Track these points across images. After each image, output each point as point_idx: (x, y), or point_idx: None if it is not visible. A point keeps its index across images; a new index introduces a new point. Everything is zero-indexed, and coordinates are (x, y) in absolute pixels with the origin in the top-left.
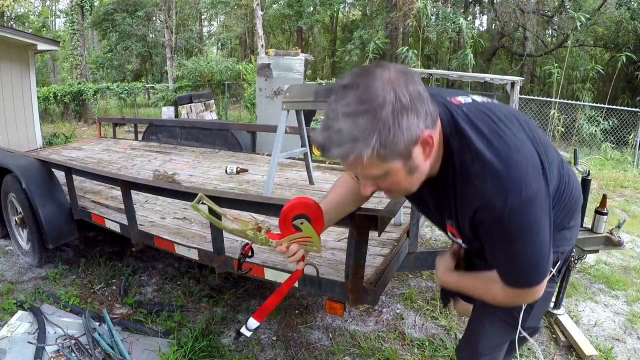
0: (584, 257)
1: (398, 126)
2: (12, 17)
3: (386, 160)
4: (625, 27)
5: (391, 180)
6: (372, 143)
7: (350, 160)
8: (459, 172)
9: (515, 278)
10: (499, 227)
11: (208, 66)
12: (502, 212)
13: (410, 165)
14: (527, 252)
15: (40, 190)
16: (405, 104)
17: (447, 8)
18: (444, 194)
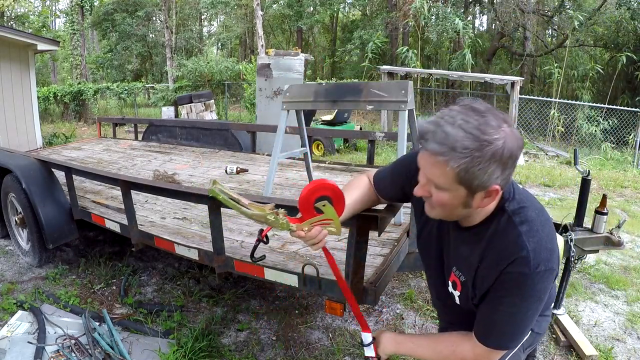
0: (584, 257)
1: (486, 168)
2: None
3: (457, 182)
4: (625, 27)
5: (445, 198)
6: (461, 162)
7: (435, 159)
8: (500, 231)
9: (497, 336)
10: (522, 280)
11: (208, 66)
12: (532, 270)
13: (468, 200)
14: (523, 314)
15: (40, 190)
16: (504, 158)
17: (447, 8)
18: (470, 244)
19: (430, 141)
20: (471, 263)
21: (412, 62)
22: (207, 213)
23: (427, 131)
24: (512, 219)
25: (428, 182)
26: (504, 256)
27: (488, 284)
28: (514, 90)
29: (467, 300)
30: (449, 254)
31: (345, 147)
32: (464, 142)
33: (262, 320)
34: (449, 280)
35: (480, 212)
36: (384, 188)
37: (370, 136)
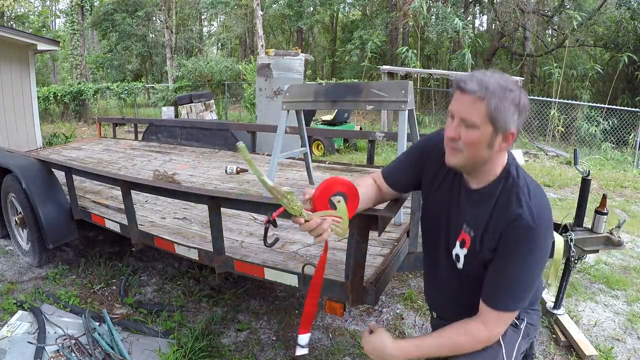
0: (584, 257)
1: (509, 109)
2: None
3: (487, 119)
4: (625, 27)
5: (475, 136)
6: (492, 101)
7: (472, 98)
8: (507, 190)
9: (506, 296)
10: (528, 234)
11: (208, 66)
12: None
13: (492, 140)
14: (530, 268)
15: (40, 190)
16: (520, 106)
17: (447, 8)
18: (480, 203)
19: (468, 83)
20: (481, 219)
21: (412, 62)
22: (207, 213)
23: (465, 78)
24: (517, 182)
25: (460, 123)
26: (511, 212)
27: (495, 238)
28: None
29: (471, 258)
30: (459, 215)
31: (345, 147)
32: (494, 86)
33: (262, 320)
34: (458, 241)
35: (489, 175)
36: (398, 176)
37: (370, 136)
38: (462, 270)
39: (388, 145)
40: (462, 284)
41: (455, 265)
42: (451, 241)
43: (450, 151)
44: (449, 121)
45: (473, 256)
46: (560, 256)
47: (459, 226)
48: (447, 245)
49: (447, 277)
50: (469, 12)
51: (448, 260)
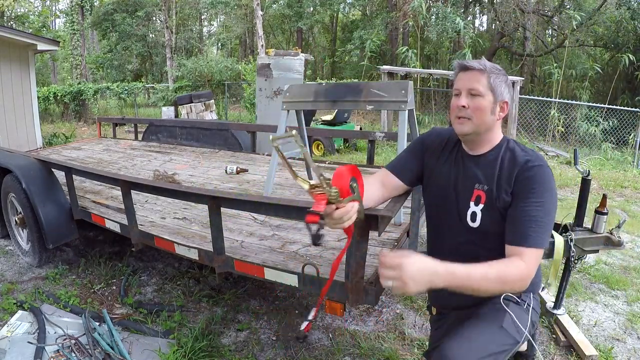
0: (584, 257)
1: (501, 83)
2: (12, 17)
3: (488, 89)
4: (625, 27)
5: (480, 102)
6: (491, 74)
7: (475, 73)
8: (510, 149)
9: (535, 233)
10: (540, 173)
11: (208, 66)
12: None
13: (493, 107)
14: (549, 205)
15: (40, 190)
16: (508, 82)
17: (447, 8)
18: (487, 163)
19: (472, 63)
20: (492, 174)
21: (412, 62)
22: (207, 213)
23: (467, 61)
24: (516, 143)
25: (467, 94)
26: (520, 160)
27: (511, 183)
28: (514, 90)
29: (489, 210)
30: (467, 179)
31: (345, 147)
32: (491, 66)
33: (262, 320)
34: (471, 201)
35: (491, 139)
36: (405, 168)
37: (370, 136)
38: (479, 228)
39: (388, 145)
40: (477, 243)
41: (470, 226)
42: (463, 205)
43: (459, 121)
44: (454, 100)
45: (491, 207)
46: (560, 256)
47: (470, 188)
48: (458, 211)
49: (460, 242)
50: (469, 12)
51: (462, 225)
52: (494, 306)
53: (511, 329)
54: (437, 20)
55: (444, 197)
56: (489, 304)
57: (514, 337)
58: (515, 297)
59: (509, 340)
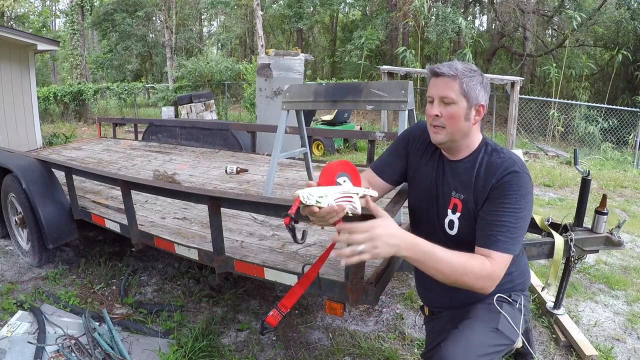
0: (584, 257)
1: (477, 86)
2: (12, 17)
3: (462, 94)
4: (625, 27)
5: (454, 110)
6: (464, 79)
7: (447, 79)
8: (488, 154)
9: (505, 238)
10: (516, 179)
11: (208, 66)
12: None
13: (468, 113)
14: (522, 212)
15: (40, 190)
16: (484, 84)
17: (447, 8)
18: (465, 170)
19: (442, 68)
20: (469, 182)
21: (410, 62)
22: (207, 213)
23: (438, 66)
24: (494, 147)
25: (440, 102)
26: (496, 167)
27: (487, 190)
28: (514, 90)
29: (466, 219)
30: (446, 186)
31: (345, 147)
32: (463, 69)
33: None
34: (449, 209)
35: (468, 147)
36: (387, 170)
37: (370, 136)
38: (457, 236)
39: (388, 145)
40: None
41: (448, 234)
42: (441, 211)
43: (434, 130)
44: (428, 106)
45: (468, 215)
46: (560, 256)
47: (448, 195)
48: (438, 217)
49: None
50: (469, 12)
51: (441, 231)
52: (487, 307)
53: (507, 330)
54: (437, 21)
55: (425, 201)
56: (482, 304)
57: (509, 337)
58: (506, 297)
59: (505, 341)
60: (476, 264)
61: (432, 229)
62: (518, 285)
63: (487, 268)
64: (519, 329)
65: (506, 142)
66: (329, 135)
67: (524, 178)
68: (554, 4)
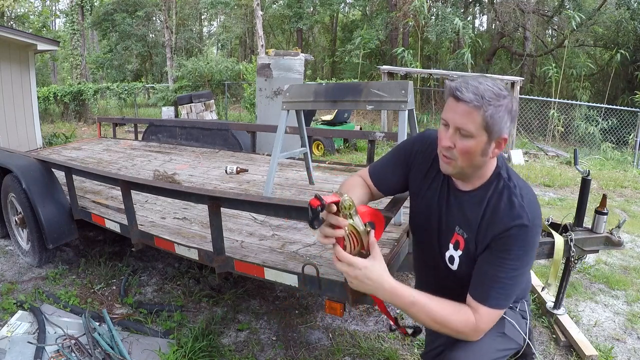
0: (584, 257)
1: (502, 117)
2: (12, 17)
3: (483, 128)
4: (625, 27)
5: (470, 145)
6: (489, 109)
7: (468, 107)
8: (499, 193)
9: (498, 294)
10: (524, 233)
11: (208, 66)
12: (530, 223)
13: (486, 147)
14: (523, 268)
15: (40, 190)
16: (512, 112)
17: (447, 8)
18: (472, 205)
19: (465, 92)
20: (474, 220)
21: (409, 62)
22: (207, 213)
23: (460, 86)
24: (507, 183)
25: (455, 132)
26: (503, 214)
27: (488, 240)
28: (514, 90)
29: (467, 259)
30: (450, 217)
31: (345, 147)
32: (489, 93)
33: (262, 320)
34: (451, 243)
35: (480, 178)
36: (385, 180)
37: (370, 136)
38: (457, 272)
39: (388, 145)
40: (457, 285)
41: (449, 267)
42: (443, 243)
43: (444, 159)
44: (442, 129)
45: (468, 257)
46: (560, 256)
47: (451, 228)
48: (440, 248)
49: (442, 278)
50: (469, 12)
51: (442, 262)
52: None
53: (513, 334)
54: (437, 21)
55: (428, 228)
56: None
57: (516, 341)
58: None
59: (512, 345)
60: (459, 320)
61: (433, 257)
62: (519, 294)
63: (470, 324)
64: (525, 333)
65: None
66: (329, 135)
67: (532, 232)
68: (554, 4)
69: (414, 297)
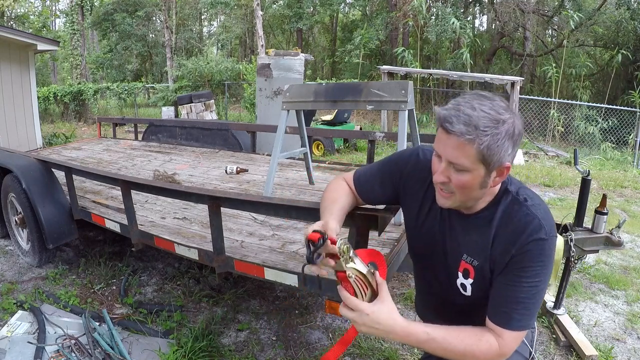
0: (584, 257)
1: (502, 144)
2: (12, 17)
3: (479, 161)
4: (625, 27)
5: (466, 179)
6: (484, 140)
7: (460, 140)
8: (508, 209)
9: (521, 315)
10: (541, 248)
11: (208, 66)
12: (548, 236)
13: (486, 180)
14: (543, 283)
15: (40, 190)
16: (515, 136)
17: (447, 8)
18: (480, 229)
19: (455, 124)
20: (484, 246)
21: (409, 62)
22: (207, 213)
23: (450, 115)
24: (517, 198)
25: (448, 166)
26: (520, 231)
27: (505, 261)
28: (514, 90)
29: (481, 286)
30: (456, 244)
31: (345, 147)
32: (484, 121)
33: (262, 320)
34: (459, 271)
35: (485, 197)
36: (371, 191)
37: (370, 136)
38: (472, 297)
39: (388, 145)
40: (471, 306)
41: (462, 294)
42: (452, 271)
43: (441, 193)
44: (435, 160)
45: (483, 282)
46: (560, 256)
47: (458, 256)
48: (448, 276)
49: (453, 302)
50: (468, 12)
51: (452, 289)
52: None
53: (521, 348)
54: (437, 21)
55: (431, 257)
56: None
57: (523, 355)
58: None
59: (519, 358)
60: (481, 350)
61: (442, 286)
62: None
63: (493, 351)
64: (532, 345)
65: None
66: (329, 135)
67: (549, 244)
68: (554, 4)
69: (429, 333)
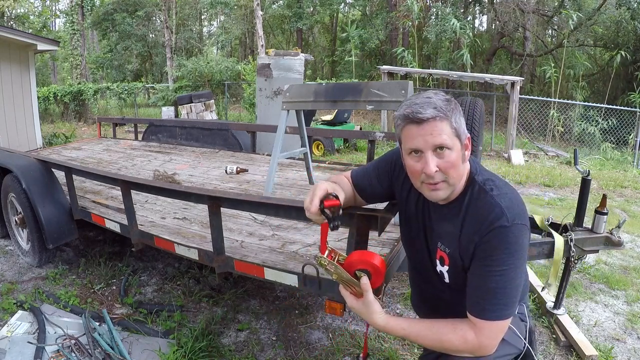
0: (584, 257)
1: (460, 118)
2: (12, 17)
3: (454, 135)
4: (625, 27)
5: (452, 157)
6: (450, 115)
7: (435, 122)
8: (475, 199)
9: (494, 305)
10: (504, 235)
11: (208, 66)
12: (510, 223)
13: (462, 153)
14: (512, 272)
15: (40, 190)
16: (462, 112)
17: (447, 8)
18: (450, 217)
19: (425, 110)
20: (453, 234)
21: (408, 62)
22: (207, 213)
23: (416, 108)
24: (482, 187)
25: (433, 154)
26: (482, 219)
27: (471, 250)
28: (514, 90)
29: (455, 272)
30: (432, 233)
31: (345, 147)
32: (442, 103)
33: (262, 320)
34: (437, 259)
35: (457, 187)
36: (369, 188)
37: (370, 136)
38: (451, 284)
39: (388, 145)
40: (453, 296)
41: (443, 281)
42: (433, 257)
43: (430, 187)
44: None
45: (456, 270)
46: (560, 256)
47: (435, 244)
48: (431, 262)
49: (438, 290)
50: (468, 12)
51: (436, 275)
52: None
53: (512, 340)
54: (436, 21)
55: (416, 244)
56: None
57: (516, 346)
58: None
59: (512, 351)
60: (456, 339)
61: (427, 272)
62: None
63: (469, 341)
64: (524, 337)
65: (506, 142)
66: (329, 135)
67: (513, 232)
68: (554, 4)
69: (405, 329)
